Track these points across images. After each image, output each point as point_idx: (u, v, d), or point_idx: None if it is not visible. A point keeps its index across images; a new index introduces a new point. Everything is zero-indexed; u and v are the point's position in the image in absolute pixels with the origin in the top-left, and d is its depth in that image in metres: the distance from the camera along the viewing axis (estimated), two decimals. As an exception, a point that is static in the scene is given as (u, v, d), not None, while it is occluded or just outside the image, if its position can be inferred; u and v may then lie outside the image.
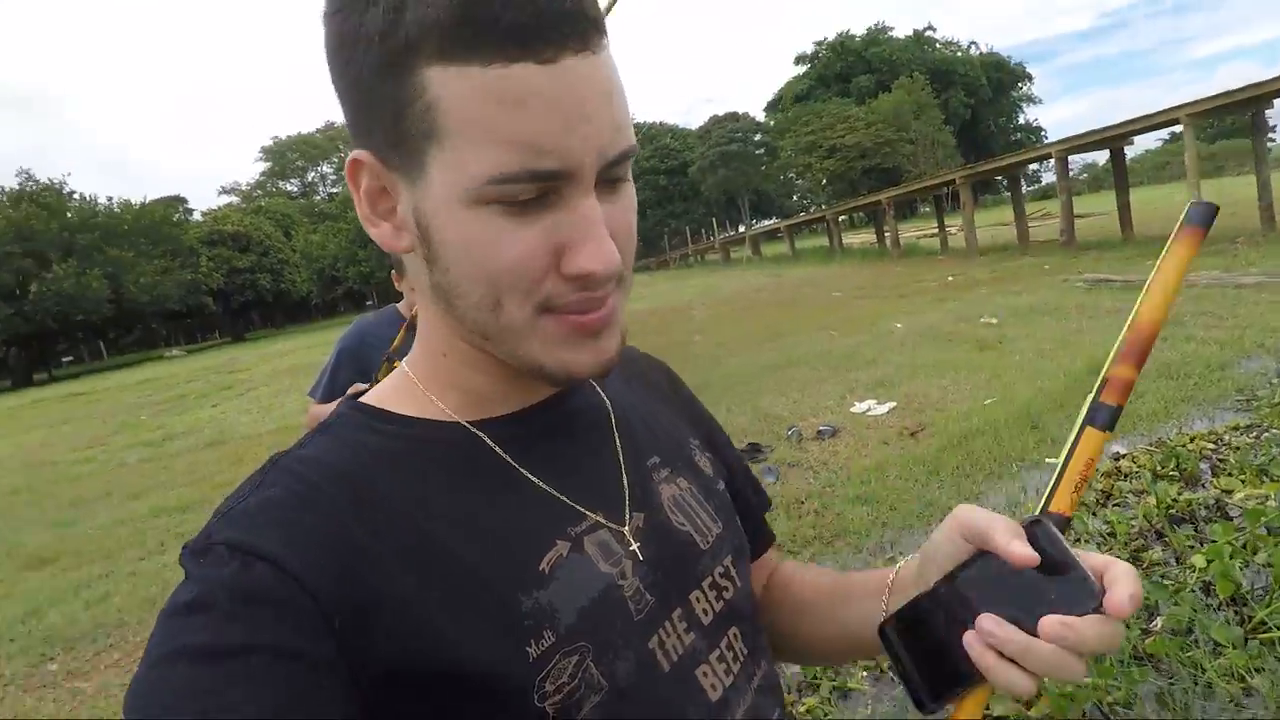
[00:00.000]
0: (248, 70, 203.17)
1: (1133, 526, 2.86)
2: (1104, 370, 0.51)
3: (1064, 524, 0.46)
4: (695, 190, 64.88)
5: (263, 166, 72.79)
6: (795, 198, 70.99)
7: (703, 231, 40.78)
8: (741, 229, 43.54)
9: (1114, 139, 15.52)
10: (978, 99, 71.92)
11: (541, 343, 0.45)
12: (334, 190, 65.82)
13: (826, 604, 0.62)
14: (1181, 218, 0.50)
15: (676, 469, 0.58)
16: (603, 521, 0.51)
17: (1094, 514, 3.07)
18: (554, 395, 0.54)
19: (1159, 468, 3.39)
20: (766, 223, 45.88)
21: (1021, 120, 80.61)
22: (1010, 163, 17.19)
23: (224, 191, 77.07)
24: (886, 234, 21.67)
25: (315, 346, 23.41)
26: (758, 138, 65.41)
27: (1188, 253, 0.50)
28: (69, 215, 35.84)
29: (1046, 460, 3.90)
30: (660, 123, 71.14)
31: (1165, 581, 2.31)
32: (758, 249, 31.59)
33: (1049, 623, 0.41)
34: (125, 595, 4.31)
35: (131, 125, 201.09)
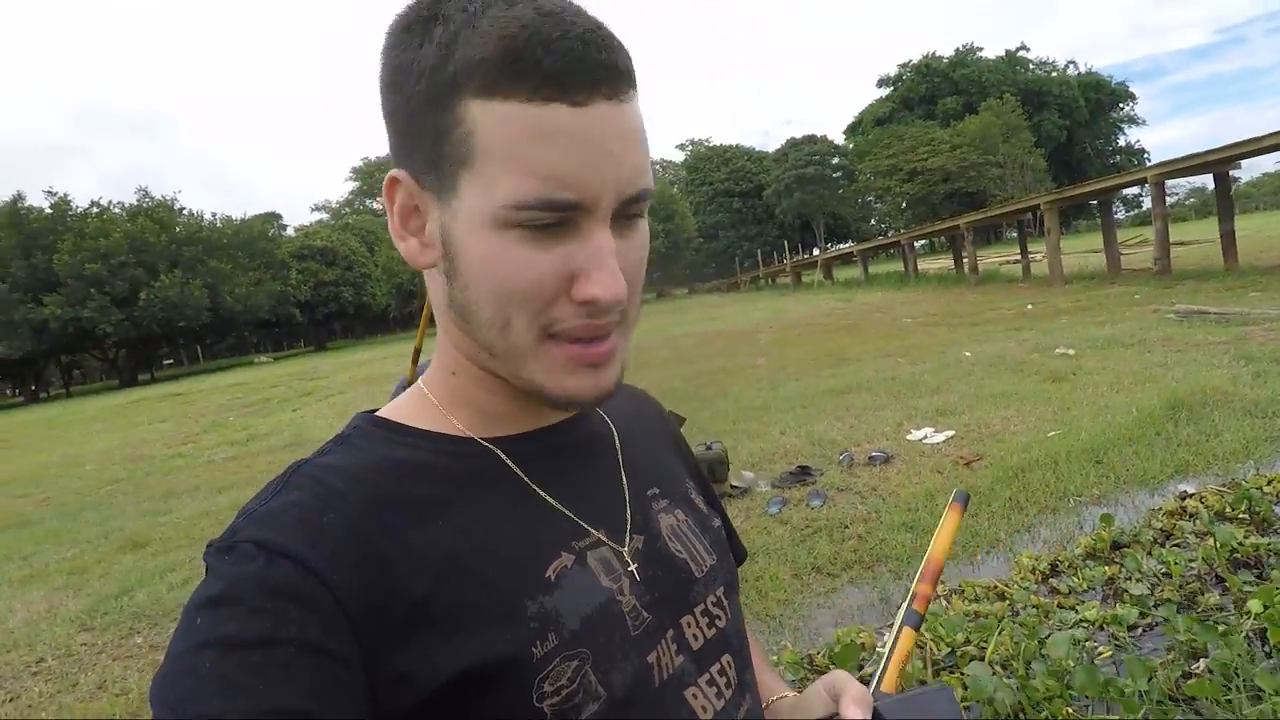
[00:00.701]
0: (344, 92, 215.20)
1: (1190, 569, 2.72)
2: (912, 588, 0.66)
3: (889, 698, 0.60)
4: (770, 213, 64.46)
5: (352, 185, 76.76)
6: (874, 221, 69.64)
7: (773, 254, 40.42)
8: (815, 252, 42.99)
9: (1218, 163, 14.67)
10: (1073, 120, 69.12)
11: (544, 367, 0.48)
12: (417, 209, 68.46)
13: None
14: (951, 499, 0.72)
15: (674, 501, 0.61)
16: (605, 540, 0.53)
17: (1149, 553, 2.93)
18: (565, 419, 0.56)
19: (1227, 509, 3.21)
20: (842, 246, 45.13)
21: (1122, 142, 76.92)
22: (1099, 187, 16.46)
23: (316, 208, 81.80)
24: (965, 260, 20.98)
25: (390, 357, 24.43)
26: (835, 161, 64.58)
27: (957, 518, 0.70)
28: (178, 229, 38.77)
29: (1112, 496, 3.75)
30: (737, 145, 71.24)
31: (1216, 625, 2.21)
32: (830, 273, 31.14)
33: None
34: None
35: (235, 146, 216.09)
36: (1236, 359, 6.43)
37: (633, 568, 0.53)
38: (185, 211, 41.25)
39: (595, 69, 0.43)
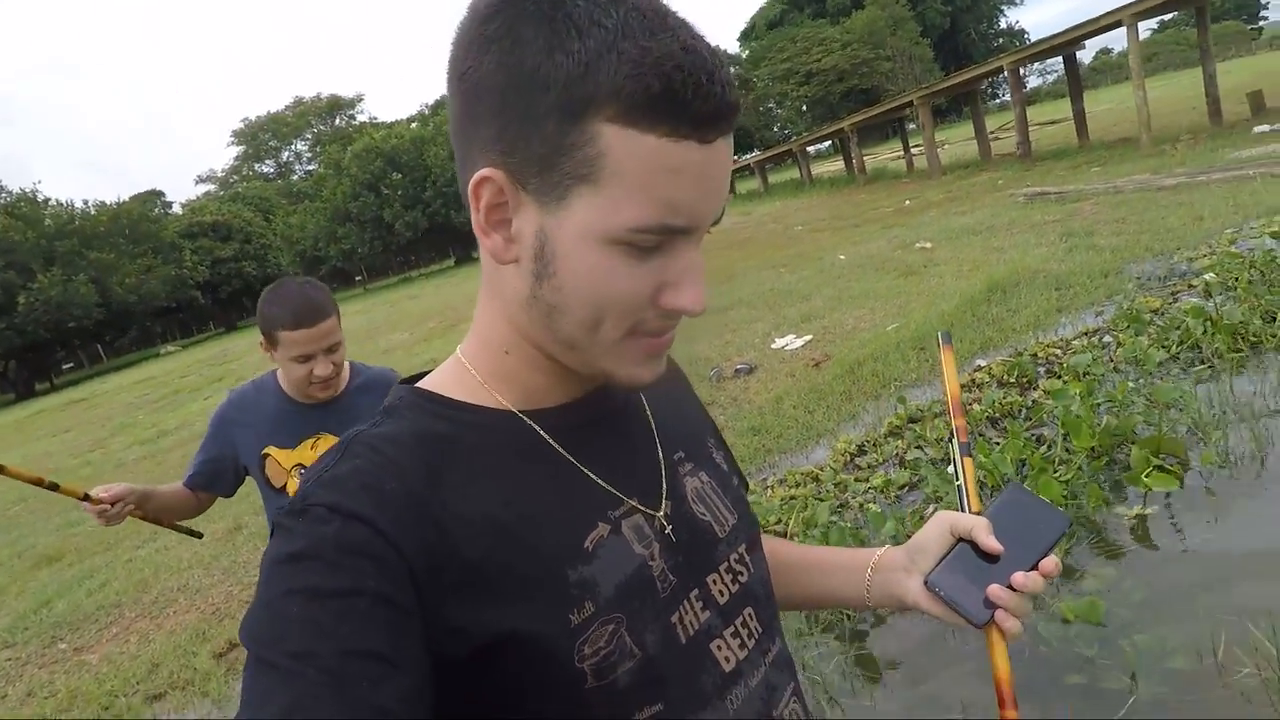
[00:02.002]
0: (213, 53, 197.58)
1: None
2: (952, 425, 0.75)
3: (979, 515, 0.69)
4: (670, 130, 63.68)
5: (236, 151, 71.85)
6: (776, 128, 69.87)
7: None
8: (740, 161, 43.15)
9: (1064, 45, 15.48)
10: (955, 6, 69.93)
11: (619, 358, 0.51)
12: (310, 168, 65.01)
13: (806, 571, 0.75)
14: (940, 340, 0.82)
15: (698, 463, 0.64)
16: (638, 507, 0.56)
17: (934, 423, 3.50)
18: (597, 391, 0.59)
19: (1004, 376, 3.81)
20: (741, 158, 45.54)
21: (1004, 24, 78.46)
22: (962, 79, 17.13)
23: (200, 180, 76.36)
24: (854, 161, 21.65)
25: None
26: (732, 70, 63.89)
27: (952, 356, 0.79)
28: (46, 223, 35.79)
29: (926, 379, 4.33)
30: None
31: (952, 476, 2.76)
32: (732, 187, 31.48)
33: (1020, 581, 0.62)
34: (122, 581, 4.81)
35: (101, 122, 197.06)
36: (1060, 236, 7.16)
37: (668, 530, 0.57)
38: (52, 202, 38.05)
39: (728, 112, 0.46)
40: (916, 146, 21.56)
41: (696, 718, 0.53)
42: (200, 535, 1.91)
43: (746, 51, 67.03)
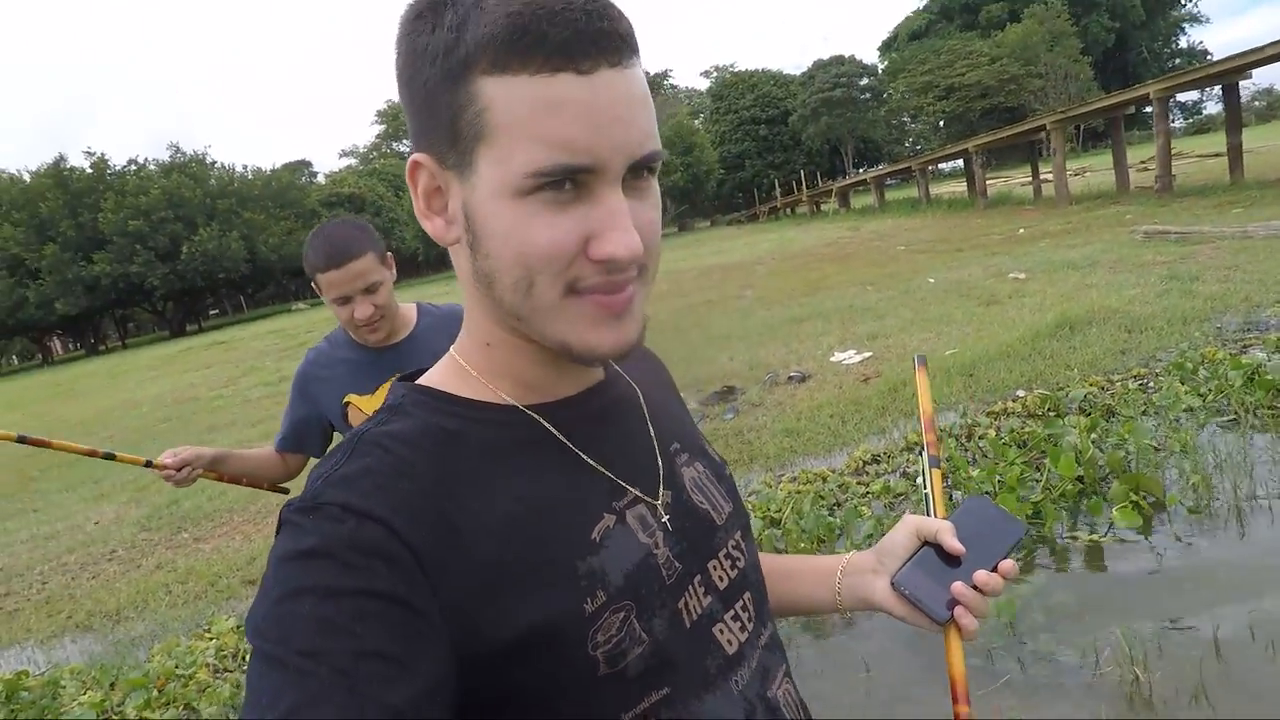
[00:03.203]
0: (365, 35, 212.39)
1: (971, 451, 3.46)
2: (924, 439, 0.81)
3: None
4: (796, 140, 62.61)
5: (378, 129, 77.03)
6: (909, 143, 67.53)
7: (798, 182, 40.01)
8: (844, 179, 42.35)
9: (1225, 74, 14.40)
10: (1126, 22, 65.00)
11: (568, 322, 0.50)
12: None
13: (778, 579, 0.75)
14: (915, 363, 0.86)
15: (693, 454, 0.65)
16: (641, 496, 0.57)
17: (954, 442, 3.67)
18: (597, 384, 0.60)
19: (1035, 408, 3.90)
20: (859, 173, 44.28)
21: (1184, 43, 72.08)
22: (1104, 104, 16.23)
23: (344, 154, 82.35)
24: (977, 184, 20.86)
25: (427, 298, 25.48)
26: (864, 82, 62.20)
27: (925, 378, 0.83)
28: (211, 183, 40.15)
29: (963, 403, 4.45)
30: (762, 70, 69.02)
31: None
32: (846, 201, 30.97)
33: (982, 579, 0.65)
34: (236, 494, 5.66)
35: (264, 96, 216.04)
36: (1162, 278, 6.89)
37: (665, 519, 0.57)
38: (217, 165, 42.67)
39: (599, 37, 0.45)
40: (1050, 173, 20.53)
41: (702, 700, 0.55)
42: (287, 491, 1.85)
43: (885, 62, 65.12)
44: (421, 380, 0.58)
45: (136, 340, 46.82)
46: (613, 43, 0.46)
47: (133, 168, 41.08)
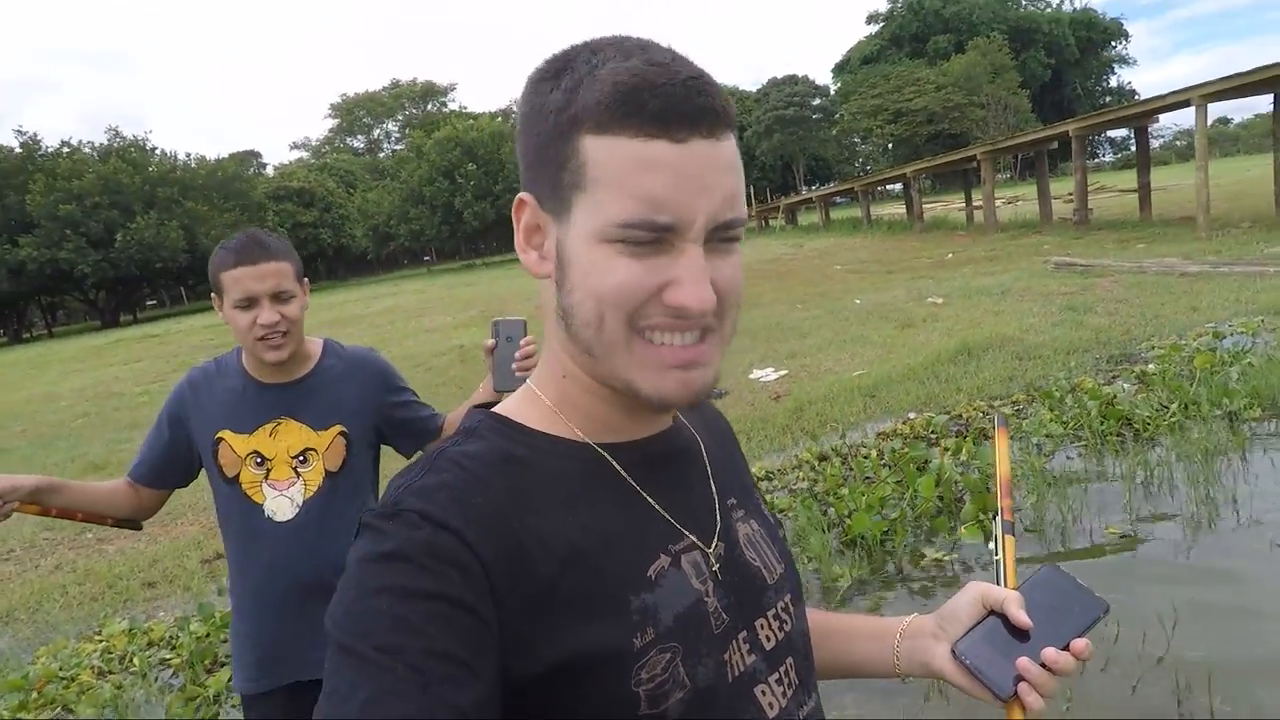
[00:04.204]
0: (323, 27, 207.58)
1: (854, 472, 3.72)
2: (999, 504, 0.77)
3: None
4: (751, 155, 63.81)
5: (331, 123, 75.50)
6: (859, 163, 69.38)
7: (753, 197, 40.80)
8: (797, 195, 43.30)
9: (1135, 117, 15.39)
10: (1060, 59, 68.18)
11: (637, 366, 0.53)
12: (397, 147, 67.72)
13: (833, 637, 0.74)
14: (996, 423, 0.83)
15: (749, 511, 0.66)
16: (696, 543, 0.59)
17: (839, 461, 3.92)
18: (665, 430, 0.62)
19: (921, 430, 4.18)
20: (807, 190, 45.43)
21: (1114, 82, 75.96)
22: (1028, 139, 17.11)
23: (294, 146, 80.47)
24: (915, 208, 21.68)
25: (365, 299, 25.12)
26: (816, 102, 63.82)
27: (1004, 439, 0.81)
28: (151, 170, 38.77)
29: (862, 423, 4.72)
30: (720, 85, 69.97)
31: (808, 502, 3.20)
32: (794, 218, 31.74)
33: (1051, 658, 0.62)
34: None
35: (214, 81, 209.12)
36: (1061, 308, 7.37)
37: (716, 568, 0.59)
38: (158, 152, 41.27)
39: (694, 111, 0.50)
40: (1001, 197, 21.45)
41: None
42: (139, 527, 1.61)
43: (838, 84, 66.88)
44: (497, 409, 0.62)
45: (65, 329, 44.66)
46: (706, 117, 0.51)
47: (66, 149, 39.34)
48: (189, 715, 2.57)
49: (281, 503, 1.46)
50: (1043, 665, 0.62)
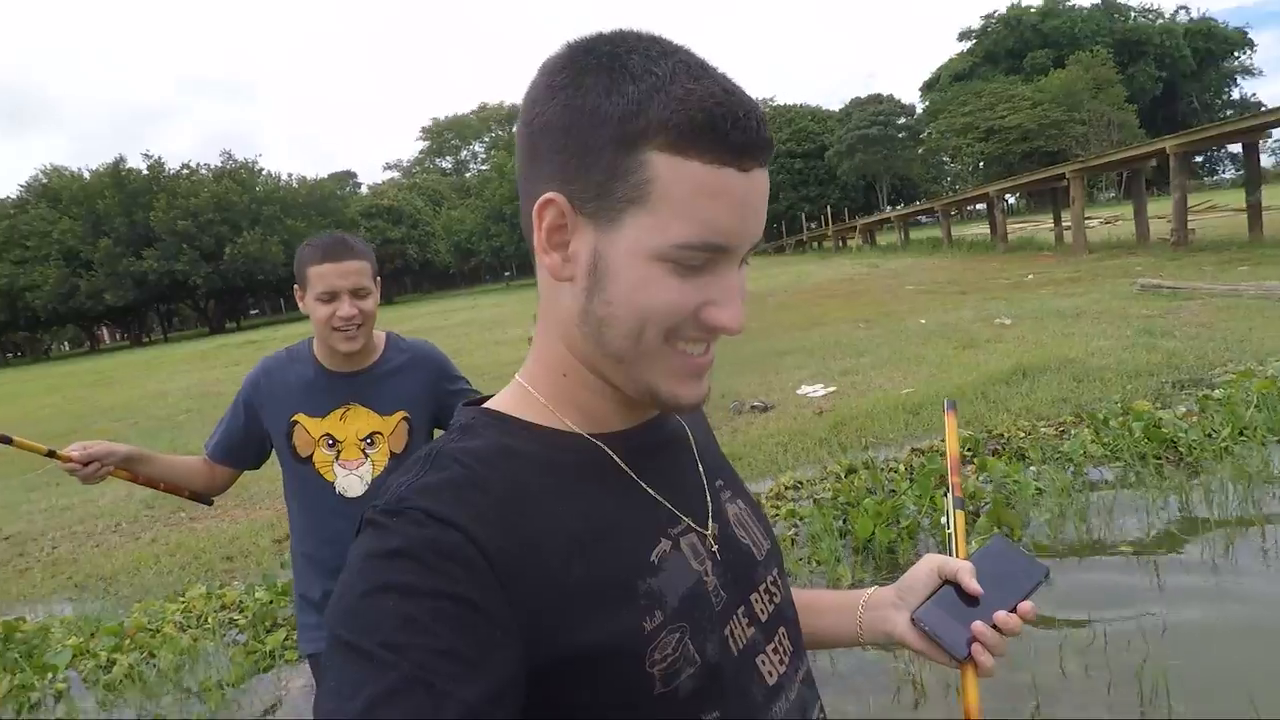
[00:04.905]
0: (418, 53, 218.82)
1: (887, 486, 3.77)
2: (949, 481, 0.84)
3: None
4: (832, 174, 62.91)
5: (422, 144, 79.33)
6: (948, 182, 67.34)
7: (821, 218, 40.29)
8: (879, 215, 42.54)
9: (1244, 132, 14.49)
10: (1174, 72, 64.37)
11: (662, 373, 0.55)
12: (483, 167, 70.42)
13: (799, 612, 0.74)
14: (945, 407, 0.90)
15: (735, 491, 0.70)
16: (693, 526, 0.61)
17: (870, 475, 3.96)
18: (653, 420, 0.64)
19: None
20: (889, 211, 44.35)
21: (1236, 95, 70.89)
22: (1119, 158, 16.33)
23: (388, 167, 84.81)
24: (999, 228, 20.95)
25: (445, 311, 26.27)
26: (901, 121, 62.47)
27: (954, 422, 0.88)
28: (258, 189, 42.01)
29: (901, 441, 4.72)
30: (800, 104, 69.65)
31: (827, 511, 3.28)
32: (872, 238, 31.17)
33: (1002, 619, 0.68)
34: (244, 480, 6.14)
35: (318, 106, 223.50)
36: (1136, 331, 7.07)
37: (714, 548, 0.61)
38: (264, 173, 44.81)
39: (762, 144, 0.52)
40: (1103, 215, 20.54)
41: None
42: (210, 502, 1.79)
43: (926, 102, 65.33)
44: (489, 404, 0.62)
45: (178, 335, 48.57)
46: (766, 150, 0.53)
47: (185, 171, 43.18)
48: (248, 665, 2.93)
49: (352, 481, 1.59)
50: (994, 627, 0.67)
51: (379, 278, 1.61)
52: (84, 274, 39.81)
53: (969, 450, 4.13)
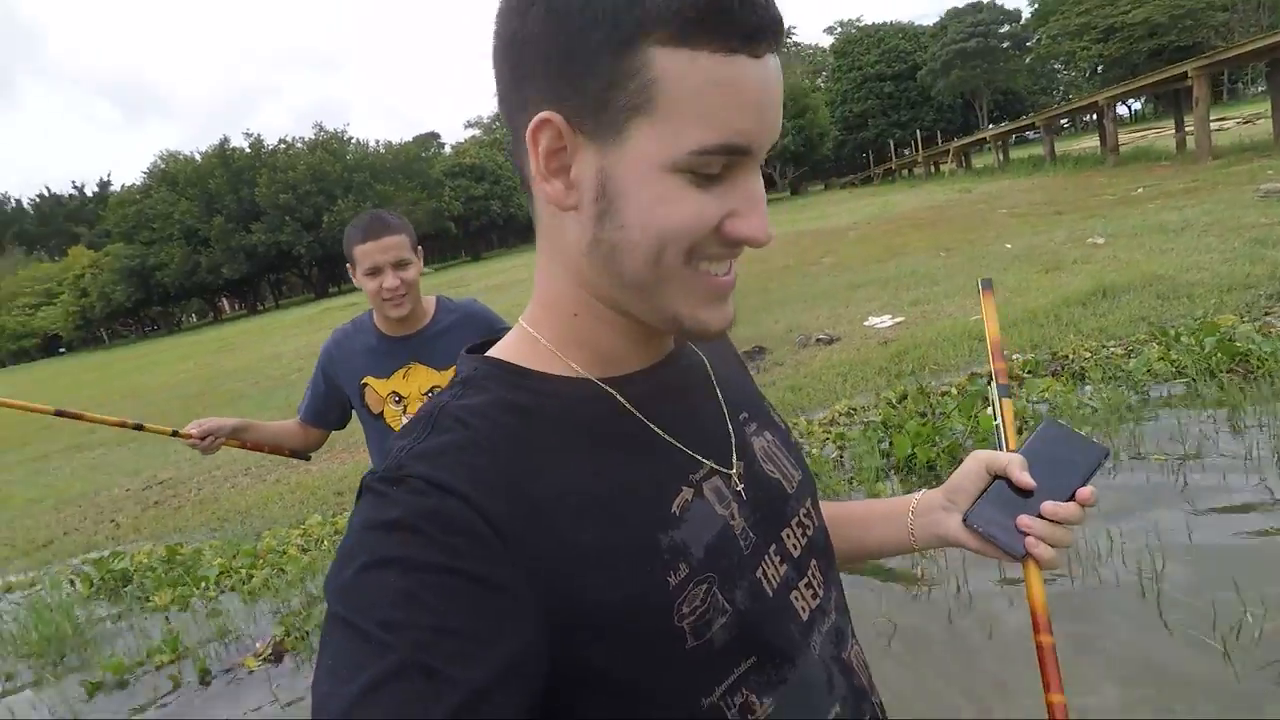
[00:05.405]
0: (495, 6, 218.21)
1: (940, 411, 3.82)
2: (992, 367, 0.79)
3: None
4: (926, 96, 58.92)
5: (501, 100, 79.77)
6: (1060, 92, 61.80)
7: (908, 144, 38.13)
8: (973, 137, 39.86)
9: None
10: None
11: (684, 297, 0.51)
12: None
13: (849, 525, 0.77)
14: (980, 287, 0.85)
15: (762, 423, 0.65)
16: (716, 468, 0.57)
17: (921, 400, 4.02)
18: (667, 355, 0.60)
19: (1013, 371, 4.15)
20: (989, 130, 41.20)
21: None
22: (1252, 48, 14.62)
23: (469, 125, 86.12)
24: (1109, 139, 19.32)
25: (529, 264, 27.01)
26: (1004, 29, 57.33)
27: (992, 302, 0.83)
28: (349, 158, 43.91)
29: (964, 367, 4.71)
30: (891, 22, 65.19)
31: (874, 436, 3.40)
32: (967, 161, 29.39)
33: (1049, 509, 0.65)
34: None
35: (404, 72, 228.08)
36: (1245, 243, 6.57)
37: (740, 488, 0.58)
38: (354, 141, 46.64)
39: (773, 24, 0.46)
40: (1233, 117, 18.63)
41: (789, 667, 0.56)
42: (308, 458, 2.05)
43: (1035, 5, 59.69)
44: (492, 352, 0.58)
45: (288, 301, 52.18)
46: (779, 30, 0.47)
47: (282, 146, 45.64)
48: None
49: None
50: (1042, 518, 0.64)
51: (419, 247, 1.75)
52: (203, 250, 43.35)
53: (1028, 371, 4.10)
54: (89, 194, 76.98)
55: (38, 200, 78.39)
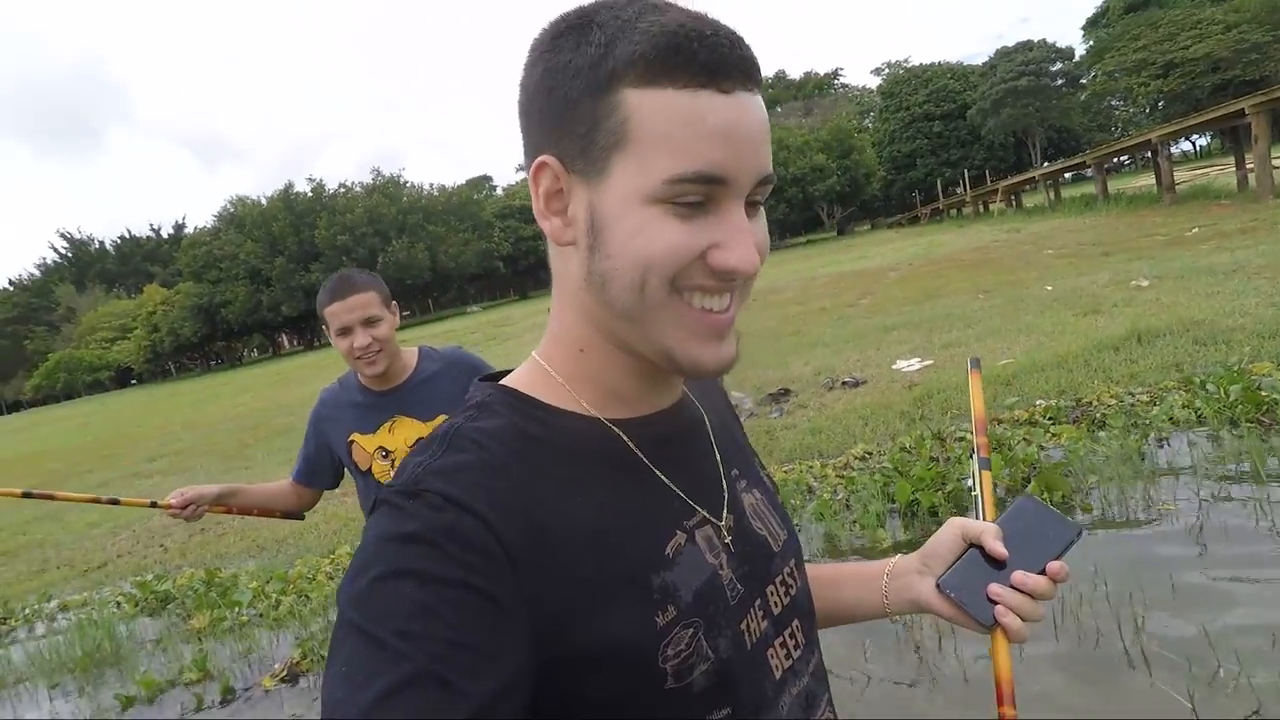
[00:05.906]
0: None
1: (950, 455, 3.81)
2: (974, 442, 0.83)
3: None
4: (976, 135, 58.41)
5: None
6: (1118, 129, 60.49)
7: (957, 183, 37.77)
8: (1021, 176, 39.23)
9: None
10: None
11: (674, 330, 0.52)
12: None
13: (823, 587, 0.76)
14: (969, 366, 0.89)
15: (751, 481, 0.67)
16: (708, 518, 0.59)
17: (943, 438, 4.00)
18: (673, 405, 0.62)
19: (1035, 417, 4.11)
20: (1040, 169, 40.50)
21: None
22: (1308, 87, 14.17)
23: (520, 168, 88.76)
24: (1164, 177, 18.84)
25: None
26: (1056, 67, 56.69)
27: (979, 381, 0.86)
28: (403, 200, 45.89)
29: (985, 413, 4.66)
30: (938, 63, 65.16)
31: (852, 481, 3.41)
32: (1017, 200, 28.96)
33: (1019, 579, 0.66)
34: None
35: (459, 117, 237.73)
36: (1291, 287, 6.36)
37: (729, 540, 0.59)
38: (409, 184, 48.69)
39: (740, 62, 0.49)
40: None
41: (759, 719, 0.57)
42: (302, 517, 2.01)
43: (1090, 41, 58.81)
44: (505, 381, 0.60)
45: (345, 338, 53.91)
46: (748, 69, 0.50)
47: (342, 190, 48.07)
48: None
49: None
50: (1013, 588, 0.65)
51: (393, 303, 1.75)
52: (265, 289, 45.62)
53: (1049, 418, 4.06)
54: (165, 235, 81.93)
55: (119, 241, 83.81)
